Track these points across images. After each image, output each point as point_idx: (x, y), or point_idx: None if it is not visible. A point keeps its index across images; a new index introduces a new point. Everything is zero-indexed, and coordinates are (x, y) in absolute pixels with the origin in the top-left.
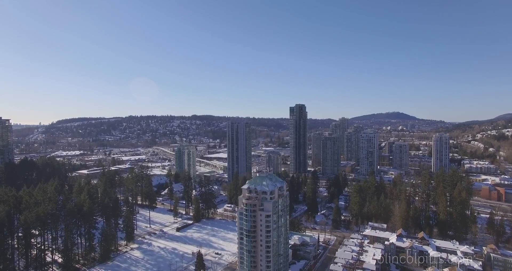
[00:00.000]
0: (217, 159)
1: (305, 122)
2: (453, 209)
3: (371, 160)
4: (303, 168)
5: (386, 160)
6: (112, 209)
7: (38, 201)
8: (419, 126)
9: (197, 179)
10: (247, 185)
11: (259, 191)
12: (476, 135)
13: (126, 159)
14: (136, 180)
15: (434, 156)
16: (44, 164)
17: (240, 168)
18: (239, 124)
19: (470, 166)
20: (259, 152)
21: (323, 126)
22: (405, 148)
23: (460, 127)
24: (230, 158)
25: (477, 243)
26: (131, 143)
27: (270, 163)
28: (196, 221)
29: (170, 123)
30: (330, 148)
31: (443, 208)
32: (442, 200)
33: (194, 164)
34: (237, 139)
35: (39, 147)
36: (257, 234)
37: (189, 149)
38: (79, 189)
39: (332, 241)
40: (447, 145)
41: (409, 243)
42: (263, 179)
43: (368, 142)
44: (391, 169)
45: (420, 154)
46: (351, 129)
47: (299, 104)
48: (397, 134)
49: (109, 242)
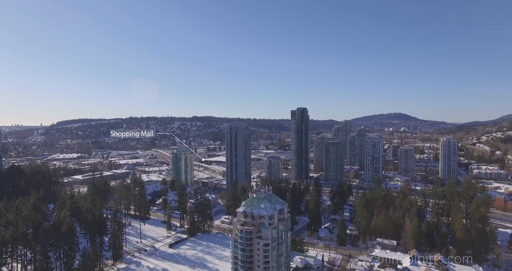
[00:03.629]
0: (217, 162)
1: (307, 126)
2: (471, 225)
3: (376, 166)
4: (305, 174)
5: (391, 165)
6: (97, 227)
7: (10, 220)
8: (421, 128)
9: (194, 185)
10: (242, 208)
11: (256, 215)
12: (481, 137)
13: (124, 162)
14: (128, 189)
15: (442, 161)
16: (33, 171)
17: (239, 174)
18: (238, 129)
19: (479, 171)
20: (259, 155)
21: (325, 128)
22: (411, 152)
23: (464, 129)
24: (228, 164)
25: (501, 265)
26: (130, 145)
27: (270, 168)
28: (190, 235)
29: (170, 125)
30: (333, 153)
31: (460, 225)
32: (458, 216)
33: (192, 170)
34: (236, 144)
35: (37, 149)
36: (253, 265)
37: (186, 154)
38: (61, 204)
39: (338, 260)
40: (456, 150)
41: (425, 268)
42: (260, 201)
43: (373, 147)
44: (397, 175)
45: (425, 157)
46: (355, 133)
47: (301, 107)
48: (399, 136)
49: (92, 263)
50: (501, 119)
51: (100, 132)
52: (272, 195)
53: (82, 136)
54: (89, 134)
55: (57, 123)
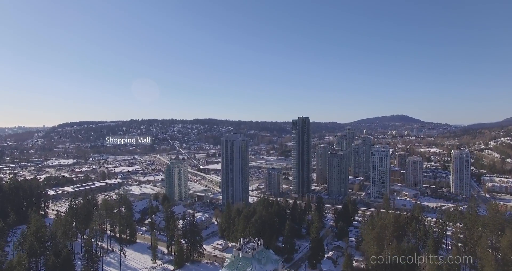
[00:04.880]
0: (215, 171)
1: (309, 137)
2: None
3: (383, 181)
4: (306, 187)
5: (397, 175)
6: (60, 268)
7: None
8: (425, 131)
9: (188, 200)
10: None
11: None
12: (489, 143)
13: (119, 170)
14: (113, 207)
15: (454, 175)
16: (12, 187)
17: (236, 190)
18: (235, 141)
19: (492, 184)
20: (260, 162)
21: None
22: (420, 164)
23: (469, 132)
24: (224, 179)
25: None
26: (129, 150)
27: (270, 180)
28: (177, 266)
29: (171, 128)
30: (336, 166)
31: (489, 269)
32: (487, 256)
33: (186, 183)
34: (232, 157)
35: (35, 153)
36: None
37: (180, 167)
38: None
39: None
40: (469, 162)
41: None
42: (247, 263)
43: (380, 161)
44: (404, 188)
45: (433, 166)
46: (359, 141)
47: (302, 117)
48: (403, 140)
49: None
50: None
51: (99, 135)
52: (262, 251)
53: (82, 139)
54: (89, 137)
55: (58, 126)
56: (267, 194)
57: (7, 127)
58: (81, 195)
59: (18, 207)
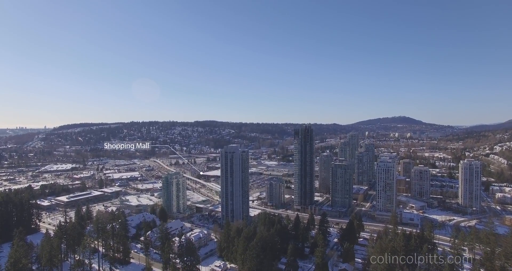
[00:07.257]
0: (215, 178)
1: (312, 147)
2: None
3: (390, 193)
4: (309, 199)
5: (403, 184)
6: None
7: None
8: (427, 133)
9: (187, 212)
10: None
11: None
12: (494, 147)
13: (117, 176)
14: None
15: (463, 186)
16: (2, 201)
17: (235, 204)
18: (234, 154)
19: (503, 195)
20: (261, 167)
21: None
22: (426, 174)
23: (473, 135)
24: (223, 193)
25: None
26: (128, 153)
27: (271, 190)
28: None
29: (172, 131)
30: (340, 177)
31: None
32: None
33: (184, 194)
34: (232, 170)
35: (34, 157)
36: None
37: (177, 178)
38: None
39: None
40: (479, 174)
41: None
42: None
43: (386, 172)
44: (410, 199)
45: (439, 173)
46: (362, 149)
47: (305, 125)
48: (406, 143)
49: None
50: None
51: (100, 138)
52: None
53: (82, 142)
54: (89, 140)
55: (59, 127)
56: (268, 205)
57: (9, 129)
58: (76, 206)
59: (8, 223)
